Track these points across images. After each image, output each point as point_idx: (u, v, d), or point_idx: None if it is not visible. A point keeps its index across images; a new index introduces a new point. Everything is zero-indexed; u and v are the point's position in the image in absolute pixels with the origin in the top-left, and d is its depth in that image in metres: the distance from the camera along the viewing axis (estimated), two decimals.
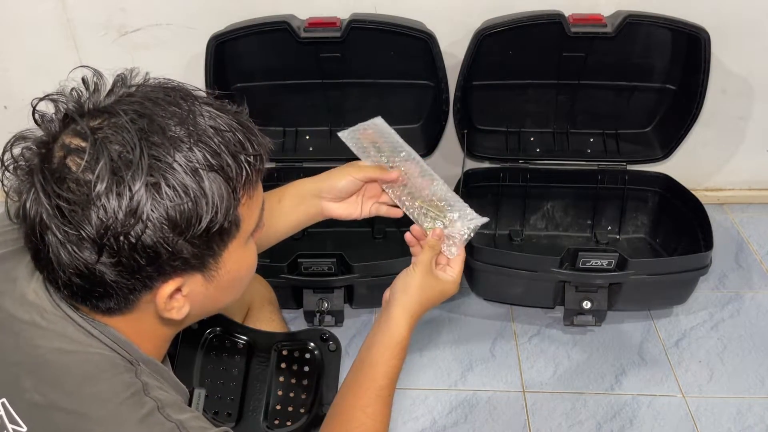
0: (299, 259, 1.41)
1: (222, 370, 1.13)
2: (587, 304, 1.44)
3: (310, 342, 1.18)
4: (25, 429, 0.65)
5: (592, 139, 1.67)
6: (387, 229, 1.71)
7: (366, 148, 1.01)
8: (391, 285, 0.92)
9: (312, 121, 1.65)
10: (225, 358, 1.14)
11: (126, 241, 0.60)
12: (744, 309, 1.58)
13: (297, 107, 1.64)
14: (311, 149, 1.67)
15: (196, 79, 1.54)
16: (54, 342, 0.67)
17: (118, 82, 0.66)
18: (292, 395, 1.13)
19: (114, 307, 0.67)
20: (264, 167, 0.69)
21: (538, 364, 1.45)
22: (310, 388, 1.13)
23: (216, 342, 1.15)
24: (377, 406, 0.86)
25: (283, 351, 1.18)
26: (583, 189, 1.69)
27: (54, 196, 0.60)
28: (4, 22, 1.65)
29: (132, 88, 0.65)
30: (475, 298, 1.61)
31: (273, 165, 1.69)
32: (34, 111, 0.64)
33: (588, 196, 1.70)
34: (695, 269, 1.42)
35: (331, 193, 0.98)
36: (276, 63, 1.57)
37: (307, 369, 1.15)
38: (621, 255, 1.37)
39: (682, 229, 1.59)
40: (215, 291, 0.71)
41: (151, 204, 0.60)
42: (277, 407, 1.11)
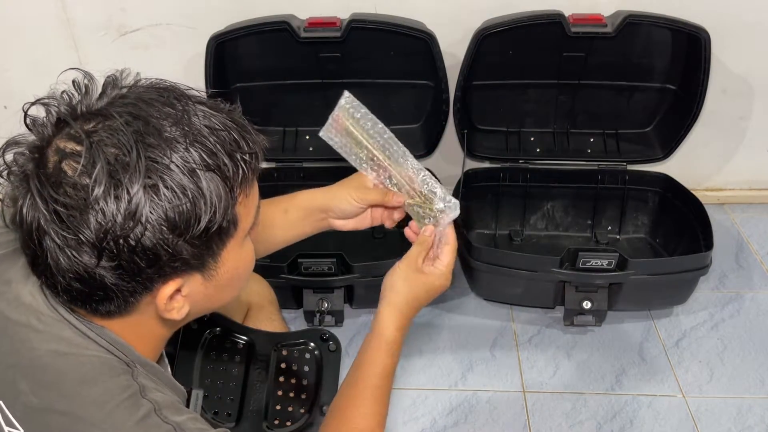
0: (299, 259, 1.41)
1: (222, 370, 1.13)
2: (587, 304, 1.44)
3: (310, 342, 1.18)
4: (21, 431, 0.65)
5: (592, 139, 1.67)
6: (387, 229, 1.70)
7: (345, 146, 0.97)
8: (382, 283, 0.92)
9: (312, 121, 1.64)
10: (225, 358, 1.14)
11: (126, 244, 0.60)
12: (744, 309, 1.58)
13: (297, 107, 1.64)
14: (311, 149, 1.67)
15: (196, 79, 1.53)
16: (50, 345, 0.66)
17: (109, 83, 0.65)
18: (292, 395, 1.13)
19: (114, 310, 0.67)
20: (260, 165, 0.69)
21: (538, 364, 1.45)
22: (310, 388, 1.13)
23: (216, 342, 1.15)
24: (372, 406, 0.86)
25: (283, 351, 1.18)
26: (583, 189, 1.69)
27: (51, 201, 0.59)
28: (4, 22, 1.65)
29: (124, 89, 0.65)
30: (475, 298, 1.61)
31: (273, 165, 1.69)
32: (25, 116, 0.64)
33: (588, 196, 1.70)
34: (695, 269, 1.42)
35: (337, 214, 0.99)
36: (276, 63, 1.57)
37: (307, 369, 1.15)
38: (621, 255, 1.37)
39: (683, 229, 1.59)
40: (214, 290, 0.71)
41: (149, 206, 0.59)
42: (277, 407, 1.11)
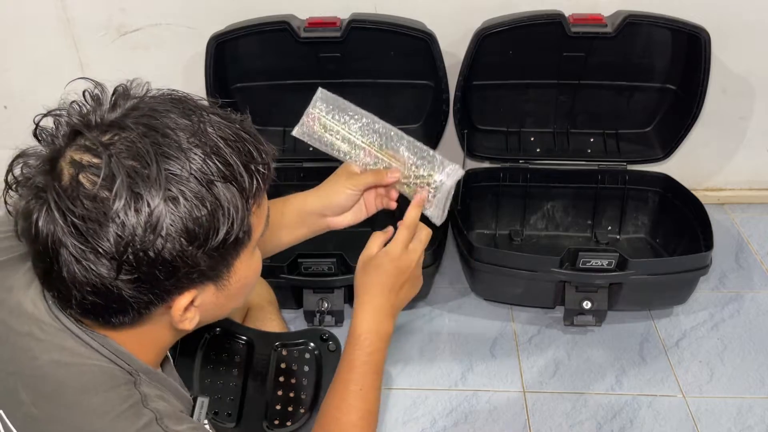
0: (299, 259, 1.41)
1: (222, 370, 1.13)
2: (587, 304, 1.44)
3: (310, 342, 1.19)
4: None
5: (592, 139, 1.67)
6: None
7: (323, 140, 0.96)
8: None
9: None
10: (225, 358, 1.14)
11: (145, 257, 0.59)
12: (744, 309, 1.58)
13: (297, 107, 1.63)
14: (311, 149, 1.63)
15: (196, 79, 1.54)
16: (52, 354, 0.66)
17: (121, 94, 0.64)
18: (292, 395, 1.13)
19: (127, 322, 0.66)
20: (272, 175, 0.69)
21: (538, 364, 1.45)
22: (309, 388, 1.13)
23: (216, 342, 1.15)
24: (355, 401, 0.86)
25: (283, 351, 1.18)
26: (583, 189, 1.69)
27: (69, 214, 0.58)
28: (4, 22, 1.65)
29: (135, 99, 0.64)
30: (475, 298, 1.61)
31: (273, 165, 1.69)
32: (36, 127, 0.63)
33: (588, 196, 1.70)
34: (695, 269, 1.42)
35: (333, 211, 0.98)
36: (276, 63, 1.56)
37: (307, 369, 1.16)
38: (621, 255, 1.37)
39: (683, 229, 1.59)
40: (225, 299, 0.71)
41: (170, 218, 0.59)
42: (277, 407, 1.11)
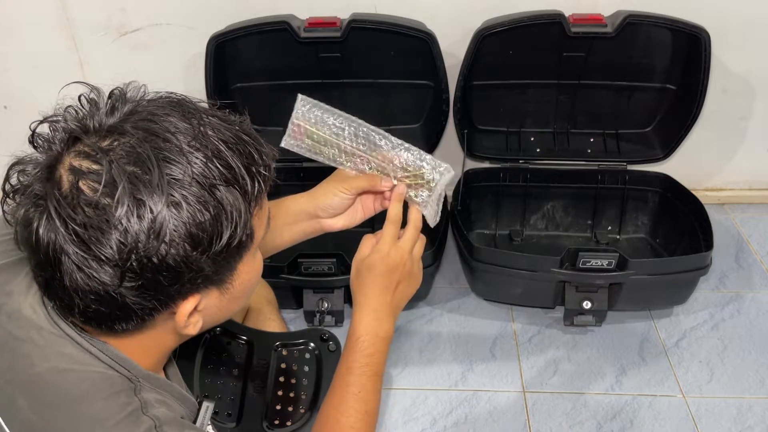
0: (299, 259, 1.41)
1: (222, 370, 1.13)
2: (587, 304, 1.44)
3: (310, 342, 1.18)
4: None
5: (592, 139, 1.67)
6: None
7: (312, 148, 0.95)
8: None
9: None
10: (225, 358, 1.14)
11: (149, 263, 0.59)
12: (744, 309, 1.58)
13: None
14: None
15: (196, 79, 1.54)
16: (51, 360, 0.65)
17: (118, 98, 0.63)
18: (292, 395, 1.13)
19: (129, 329, 0.65)
20: (272, 177, 0.68)
21: (538, 364, 1.45)
22: (309, 388, 1.13)
23: (216, 342, 1.15)
24: (353, 404, 0.85)
25: (283, 351, 1.18)
26: (584, 189, 1.69)
27: (70, 221, 0.57)
28: (4, 22, 1.65)
29: (133, 103, 0.63)
30: (475, 298, 1.61)
31: (273, 165, 1.69)
32: (33, 134, 0.62)
33: (588, 196, 1.70)
34: (695, 269, 1.42)
35: (326, 213, 0.96)
36: (276, 63, 1.56)
37: (307, 369, 1.15)
38: (621, 255, 1.37)
39: (683, 229, 1.59)
40: (228, 302, 0.70)
41: (173, 223, 0.58)
42: (277, 407, 1.11)
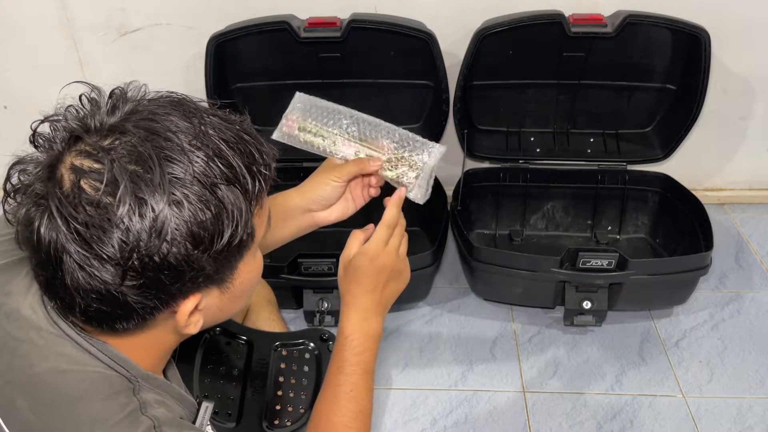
0: (299, 259, 1.41)
1: (222, 370, 1.13)
2: (587, 304, 1.44)
3: (310, 342, 1.19)
4: None
5: (592, 139, 1.67)
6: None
7: (302, 140, 0.96)
8: None
9: None
10: (225, 358, 1.14)
11: (151, 262, 0.59)
12: (744, 309, 1.58)
13: None
14: None
15: (196, 79, 1.54)
16: (50, 361, 0.65)
17: (119, 97, 0.63)
18: (292, 395, 1.13)
19: (130, 328, 0.65)
20: (273, 176, 0.68)
21: (538, 364, 1.45)
22: (310, 388, 1.13)
23: (216, 342, 1.15)
24: (346, 403, 0.85)
25: (283, 351, 1.18)
26: (583, 189, 1.69)
27: (72, 220, 0.57)
28: (4, 22, 1.65)
29: (134, 102, 0.63)
30: (475, 298, 1.61)
31: (274, 165, 1.69)
32: (34, 134, 0.62)
33: (588, 196, 1.70)
34: (695, 269, 1.42)
35: (319, 205, 0.96)
36: (276, 63, 1.56)
37: (307, 369, 1.16)
38: (621, 255, 1.37)
39: (683, 229, 1.59)
40: (228, 301, 0.70)
41: (174, 222, 0.59)
42: (277, 407, 1.11)
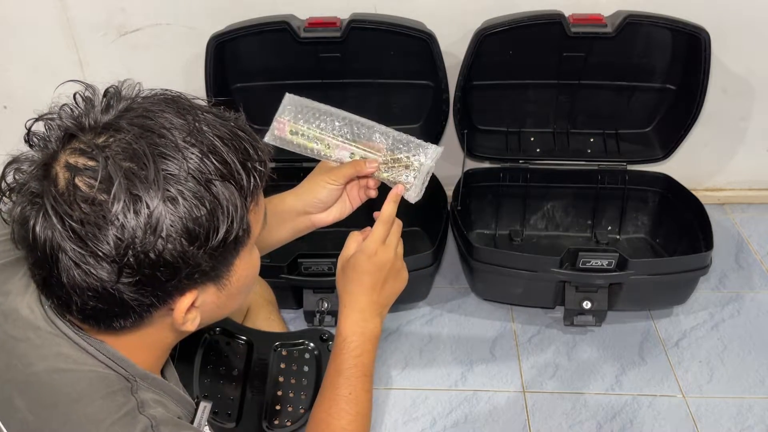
0: (299, 259, 1.41)
1: (222, 370, 1.13)
2: (587, 304, 1.44)
3: (310, 342, 1.19)
4: None
5: (592, 139, 1.67)
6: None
7: (297, 144, 0.95)
8: None
9: None
10: (225, 358, 1.14)
11: (146, 259, 0.59)
12: (744, 309, 1.58)
13: None
14: None
15: (196, 79, 1.54)
16: (48, 360, 0.65)
17: (113, 95, 0.64)
18: (292, 395, 1.13)
19: (127, 326, 0.65)
20: (268, 172, 0.69)
21: (538, 364, 1.45)
22: (310, 388, 1.13)
23: (215, 342, 1.15)
24: (345, 406, 0.85)
25: (283, 351, 1.18)
26: (583, 189, 1.69)
27: (67, 218, 0.58)
28: (4, 22, 1.65)
29: (128, 100, 0.63)
30: (475, 298, 1.61)
31: (273, 165, 1.68)
32: (28, 133, 0.62)
33: (588, 196, 1.70)
34: (695, 269, 1.42)
35: (316, 207, 0.96)
36: (276, 63, 1.56)
37: (307, 369, 1.15)
38: (621, 255, 1.37)
39: (683, 229, 1.59)
40: (226, 298, 0.71)
41: (169, 219, 0.59)
42: (277, 407, 1.11)
